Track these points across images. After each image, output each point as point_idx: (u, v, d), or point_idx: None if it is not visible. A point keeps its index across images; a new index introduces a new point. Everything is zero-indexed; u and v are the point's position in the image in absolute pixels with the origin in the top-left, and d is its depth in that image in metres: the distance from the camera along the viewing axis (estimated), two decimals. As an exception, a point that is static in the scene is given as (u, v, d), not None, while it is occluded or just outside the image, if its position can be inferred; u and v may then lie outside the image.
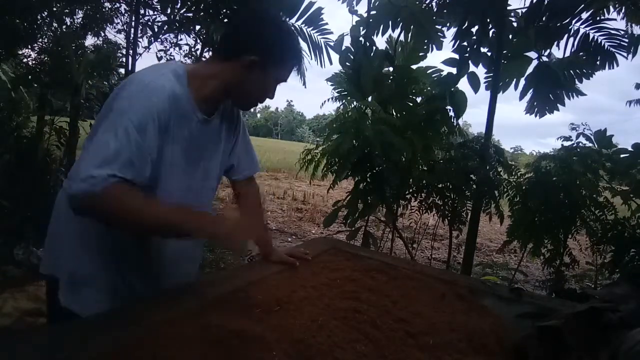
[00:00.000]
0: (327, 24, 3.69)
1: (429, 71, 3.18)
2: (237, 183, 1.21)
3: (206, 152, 1.01)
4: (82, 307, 0.93)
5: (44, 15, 4.45)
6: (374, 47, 2.95)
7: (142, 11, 4.47)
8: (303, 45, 3.82)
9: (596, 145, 2.67)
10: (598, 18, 2.65)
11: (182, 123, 0.91)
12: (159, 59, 4.52)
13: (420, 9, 3.12)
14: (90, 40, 5.21)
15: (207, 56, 3.63)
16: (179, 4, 3.98)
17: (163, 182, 0.91)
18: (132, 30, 4.55)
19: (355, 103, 3.07)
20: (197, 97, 0.93)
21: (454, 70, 2.96)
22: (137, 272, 0.98)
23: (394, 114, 2.98)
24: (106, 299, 0.94)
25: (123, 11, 4.80)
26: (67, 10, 4.44)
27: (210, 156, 1.03)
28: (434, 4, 3.11)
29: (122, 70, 4.88)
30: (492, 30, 2.90)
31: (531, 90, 3.24)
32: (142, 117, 0.81)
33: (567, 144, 2.75)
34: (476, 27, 2.86)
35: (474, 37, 2.90)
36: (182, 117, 0.91)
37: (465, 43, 2.92)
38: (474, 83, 3.01)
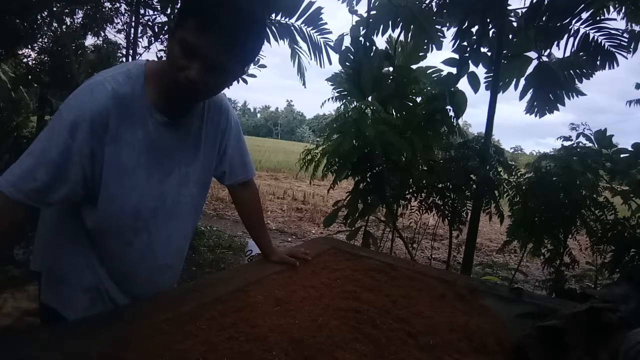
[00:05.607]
0: (326, 23, 3.69)
1: (429, 71, 3.18)
2: (232, 188, 1.19)
3: (178, 157, 0.95)
4: (58, 304, 0.93)
5: (44, 15, 4.45)
6: (374, 47, 2.95)
7: (142, 11, 4.47)
8: (303, 45, 3.83)
9: (596, 145, 2.67)
10: (598, 18, 2.64)
11: (133, 124, 0.86)
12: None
13: (420, 9, 3.12)
14: (90, 40, 5.22)
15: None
16: (179, 4, 3.98)
17: (108, 186, 0.85)
18: (132, 30, 4.55)
19: (355, 103, 3.07)
20: (156, 97, 0.88)
21: (454, 70, 2.95)
22: (114, 277, 0.95)
23: (394, 114, 2.98)
24: (83, 299, 0.93)
25: (123, 11, 4.81)
26: (67, 10, 4.44)
27: (187, 162, 0.97)
28: (434, 4, 3.11)
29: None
30: (492, 30, 2.90)
31: (531, 90, 3.24)
32: (75, 118, 0.80)
33: (567, 144, 2.74)
34: (476, 27, 2.86)
35: (474, 37, 2.90)
36: (131, 118, 0.85)
37: (465, 43, 2.91)
38: (474, 83, 3.01)
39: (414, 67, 3.11)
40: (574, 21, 2.57)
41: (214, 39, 0.77)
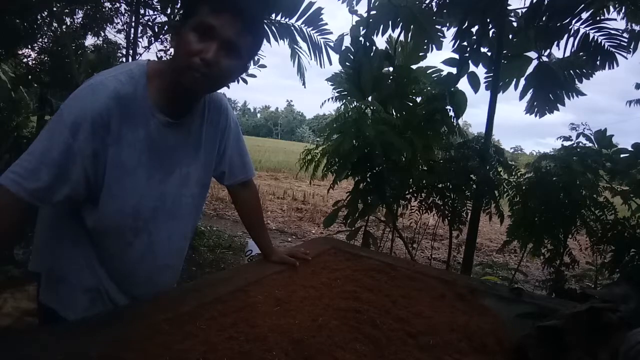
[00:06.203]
0: (326, 24, 3.69)
1: (429, 71, 3.18)
2: (232, 189, 1.19)
3: (179, 157, 0.95)
4: (58, 304, 0.93)
5: (44, 15, 4.45)
6: (374, 47, 2.95)
7: (142, 11, 4.47)
8: (303, 45, 3.83)
9: (596, 145, 2.67)
10: (598, 18, 2.64)
11: (135, 124, 0.86)
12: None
13: (420, 9, 3.12)
14: (90, 40, 5.22)
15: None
16: (179, 4, 3.98)
17: (111, 186, 0.85)
18: (132, 30, 4.55)
19: (355, 103, 3.07)
20: (158, 97, 0.88)
21: (454, 70, 2.96)
22: (114, 277, 0.95)
23: (394, 114, 2.98)
24: (83, 299, 0.92)
25: (123, 11, 4.81)
26: (67, 10, 4.44)
27: (188, 162, 0.97)
28: (434, 4, 3.11)
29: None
30: (492, 30, 2.90)
31: (531, 90, 3.24)
32: (75, 118, 0.80)
33: (567, 144, 2.75)
34: (476, 27, 2.86)
35: (474, 37, 2.90)
36: (133, 118, 0.85)
37: (465, 43, 2.91)
38: (474, 83, 3.01)
39: (414, 67, 3.11)
40: (574, 21, 2.57)
41: (231, 18, 0.82)
